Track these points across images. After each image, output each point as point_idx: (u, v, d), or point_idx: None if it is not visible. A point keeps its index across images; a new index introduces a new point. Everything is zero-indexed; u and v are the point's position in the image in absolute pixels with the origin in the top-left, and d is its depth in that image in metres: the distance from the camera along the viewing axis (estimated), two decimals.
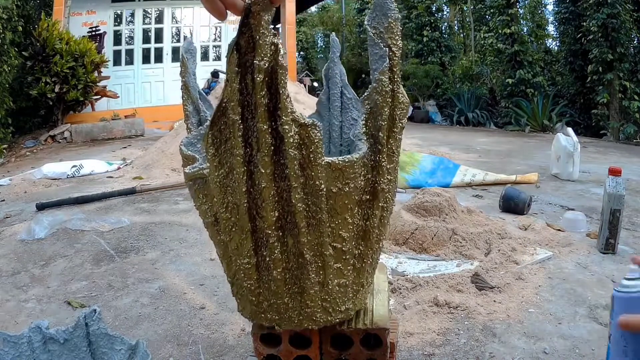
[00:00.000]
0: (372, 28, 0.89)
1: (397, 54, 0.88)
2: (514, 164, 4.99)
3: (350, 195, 0.85)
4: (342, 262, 0.90)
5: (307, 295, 0.89)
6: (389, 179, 0.91)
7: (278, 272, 0.86)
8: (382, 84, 0.86)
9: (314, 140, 0.78)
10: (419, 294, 1.95)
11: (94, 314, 1.22)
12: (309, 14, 17.95)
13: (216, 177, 0.83)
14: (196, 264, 2.41)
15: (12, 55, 6.64)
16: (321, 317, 0.93)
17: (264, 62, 0.72)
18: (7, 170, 5.36)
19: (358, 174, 0.85)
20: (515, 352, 1.56)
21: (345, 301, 0.94)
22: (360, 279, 0.96)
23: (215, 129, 0.80)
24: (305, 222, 0.83)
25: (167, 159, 4.82)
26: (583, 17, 8.20)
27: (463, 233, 2.43)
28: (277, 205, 0.82)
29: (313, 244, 0.86)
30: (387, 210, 0.96)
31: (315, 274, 0.88)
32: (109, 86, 8.27)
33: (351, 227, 0.88)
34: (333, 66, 1.24)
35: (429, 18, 11.28)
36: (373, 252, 0.96)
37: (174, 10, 9.62)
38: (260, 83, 0.73)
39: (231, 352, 1.61)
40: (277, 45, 0.73)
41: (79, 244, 2.72)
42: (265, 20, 0.70)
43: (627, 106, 7.58)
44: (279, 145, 0.79)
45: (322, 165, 0.80)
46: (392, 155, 0.92)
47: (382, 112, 0.87)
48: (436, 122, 10.37)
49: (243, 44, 0.73)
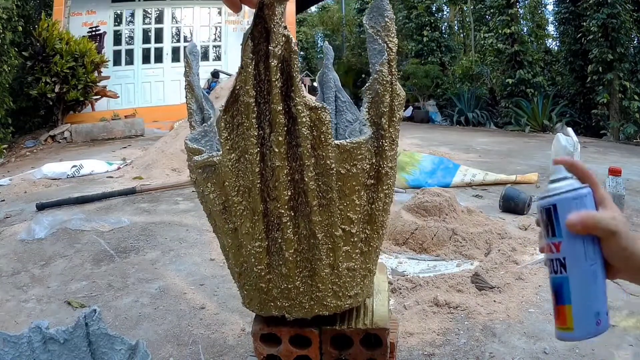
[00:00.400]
0: (370, 27, 0.95)
1: (394, 50, 0.95)
2: (514, 164, 4.99)
3: (357, 177, 0.89)
4: (351, 245, 0.93)
5: (319, 278, 0.92)
6: (391, 165, 0.96)
7: (290, 253, 0.89)
8: (382, 74, 0.92)
9: (324, 122, 0.83)
10: (419, 294, 1.95)
11: (94, 314, 1.22)
12: (309, 14, 17.95)
13: (228, 160, 0.87)
14: (196, 264, 2.41)
15: (12, 55, 6.64)
16: (331, 302, 0.94)
17: (278, 49, 0.78)
18: (7, 170, 5.36)
19: (365, 156, 0.90)
20: (515, 352, 1.56)
21: (354, 286, 0.97)
22: (367, 264, 0.99)
23: (228, 114, 0.85)
24: (317, 201, 0.87)
25: (167, 159, 4.82)
26: (583, 17, 8.20)
27: (463, 233, 2.43)
28: (290, 185, 0.86)
29: (324, 224, 0.89)
30: (389, 197, 1.00)
31: (326, 256, 0.90)
32: (109, 86, 8.28)
33: (358, 210, 0.92)
34: (327, 72, 1.32)
35: (429, 18, 11.28)
36: (378, 237, 0.99)
37: (174, 10, 9.62)
38: (274, 67, 0.79)
39: (231, 352, 1.61)
40: (289, 36, 0.79)
41: (79, 244, 2.71)
42: (279, 11, 0.76)
43: (627, 106, 7.58)
44: (291, 127, 0.83)
45: (332, 145, 0.85)
46: (393, 142, 0.96)
47: (384, 99, 0.92)
48: (436, 122, 10.37)
49: (257, 34, 0.79)
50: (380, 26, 0.94)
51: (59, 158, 5.80)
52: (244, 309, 1.90)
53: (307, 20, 17.66)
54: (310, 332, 0.99)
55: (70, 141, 7.42)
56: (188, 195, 3.80)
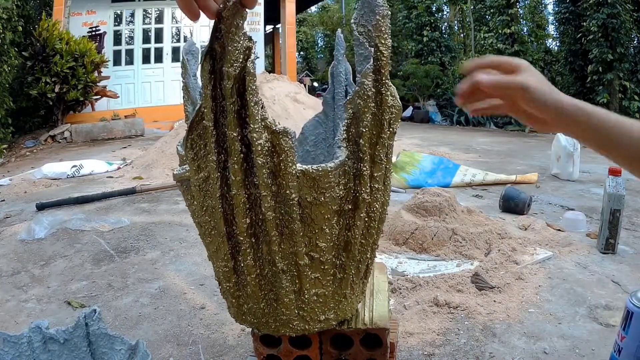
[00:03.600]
0: (359, 26, 0.84)
1: (385, 54, 0.82)
2: (514, 164, 4.99)
3: (326, 205, 0.82)
4: (321, 272, 0.87)
5: (282, 304, 0.88)
6: (374, 187, 0.87)
7: (252, 277, 0.86)
8: (363, 87, 0.80)
9: (285, 149, 0.76)
10: (419, 294, 1.95)
11: (94, 314, 1.22)
12: (309, 14, 17.95)
13: (195, 180, 0.82)
14: (196, 264, 2.41)
15: (12, 55, 6.64)
16: (298, 325, 0.91)
17: (233, 69, 0.70)
18: (7, 170, 5.36)
19: (335, 184, 0.81)
20: (515, 352, 1.56)
21: (325, 311, 0.92)
22: (343, 290, 0.93)
23: (194, 133, 0.78)
24: (276, 231, 0.81)
25: (167, 159, 4.82)
26: (583, 17, 8.20)
27: (463, 233, 2.43)
28: (250, 212, 0.81)
29: (287, 252, 0.84)
30: (375, 220, 0.91)
31: (290, 283, 0.86)
32: (109, 86, 8.28)
33: (329, 238, 0.85)
34: (338, 64, 1.23)
35: (429, 18, 11.28)
36: (357, 263, 0.93)
37: (174, 10, 9.62)
38: (229, 90, 0.72)
39: (231, 352, 1.61)
40: (250, 49, 0.71)
41: (79, 244, 2.72)
42: (235, 25, 0.67)
43: (627, 106, 7.58)
44: (248, 152, 0.77)
45: (292, 174, 0.77)
46: (379, 163, 0.86)
47: (364, 117, 0.82)
48: (436, 122, 10.37)
49: (217, 49, 0.71)
50: (371, 25, 0.82)
51: (59, 158, 5.80)
52: None
53: (307, 20, 17.67)
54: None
55: (70, 141, 7.42)
56: None
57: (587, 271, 2.19)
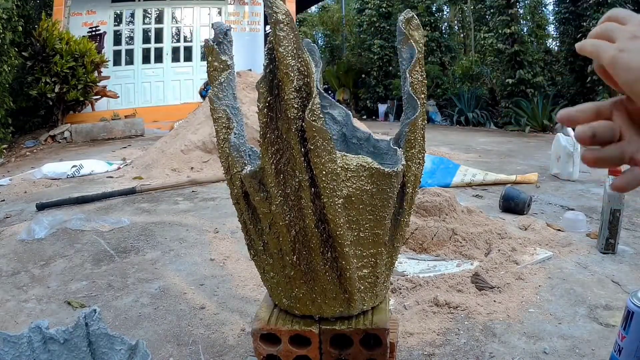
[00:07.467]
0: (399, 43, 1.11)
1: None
2: (514, 164, 4.99)
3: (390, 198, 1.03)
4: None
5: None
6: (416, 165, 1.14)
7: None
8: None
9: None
10: (419, 294, 1.95)
11: (94, 314, 1.22)
12: (309, 14, 17.94)
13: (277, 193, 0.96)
14: (196, 264, 2.41)
15: (12, 55, 6.64)
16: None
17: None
18: (7, 170, 5.36)
19: (396, 183, 1.03)
20: (515, 352, 1.56)
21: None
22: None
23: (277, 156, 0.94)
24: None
25: (167, 159, 4.82)
26: (583, 17, 8.19)
27: (463, 233, 2.43)
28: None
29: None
30: (414, 192, 1.18)
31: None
32: (109, 86, 8.28)
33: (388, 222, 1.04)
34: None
35: (429, 18, 11.27)
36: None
37: (174, 10, 9.62)
38: (294, 134, 0.91)
39: (231, 352, 1.61)
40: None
41: (79, 244, 2.71)
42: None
43: None
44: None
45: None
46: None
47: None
48: (436, 122, 10.37)
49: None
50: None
51: (59, 158, 5.80)
52: (244, 309, 1.90)
53: (307, 20, 17.66)
54: (310, 332, 0.99)
55: (70, 141, 7.42)
56: (188, 195, 3.80)
57: (587, 271, 2.19)
